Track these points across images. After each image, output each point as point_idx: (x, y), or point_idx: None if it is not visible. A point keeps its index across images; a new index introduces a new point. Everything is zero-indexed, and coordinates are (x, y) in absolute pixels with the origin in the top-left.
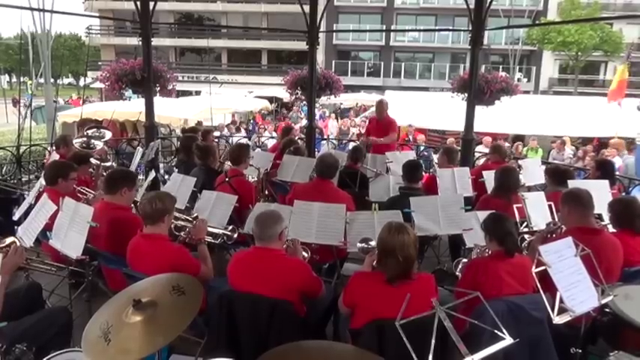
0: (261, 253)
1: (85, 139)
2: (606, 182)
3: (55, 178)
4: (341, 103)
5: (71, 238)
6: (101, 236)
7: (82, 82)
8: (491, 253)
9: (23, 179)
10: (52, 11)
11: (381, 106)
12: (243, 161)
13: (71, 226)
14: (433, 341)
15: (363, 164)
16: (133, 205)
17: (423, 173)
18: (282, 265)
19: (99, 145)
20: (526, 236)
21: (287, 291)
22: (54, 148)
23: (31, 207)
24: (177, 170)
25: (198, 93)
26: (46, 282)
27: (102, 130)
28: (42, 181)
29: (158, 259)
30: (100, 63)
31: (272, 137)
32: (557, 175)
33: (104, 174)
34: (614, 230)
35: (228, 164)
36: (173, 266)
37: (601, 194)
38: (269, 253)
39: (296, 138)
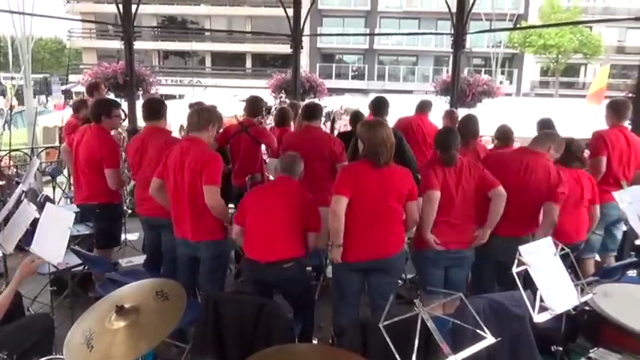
0: (280, 179)
1: None
2: None
3: (99, 116)
4: (325, 107)
5: (52, 244)
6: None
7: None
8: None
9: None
10: (32, 14)
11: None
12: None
13: (52, 232)
14: (417, 342)
15: None
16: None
17: None
18: (295, 189)
19: None
20: None
21: (297, 208)
22: (73, 112)
23: (10, 213)
24: None
25: (182, 97)
26: (27, 289)
27: None
28: (22, 187)
29: (195, 157)
30: (81, 66)
31: None
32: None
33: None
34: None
35: None
36: (203, 165)
37: None
38: (288, 180)
39: None
